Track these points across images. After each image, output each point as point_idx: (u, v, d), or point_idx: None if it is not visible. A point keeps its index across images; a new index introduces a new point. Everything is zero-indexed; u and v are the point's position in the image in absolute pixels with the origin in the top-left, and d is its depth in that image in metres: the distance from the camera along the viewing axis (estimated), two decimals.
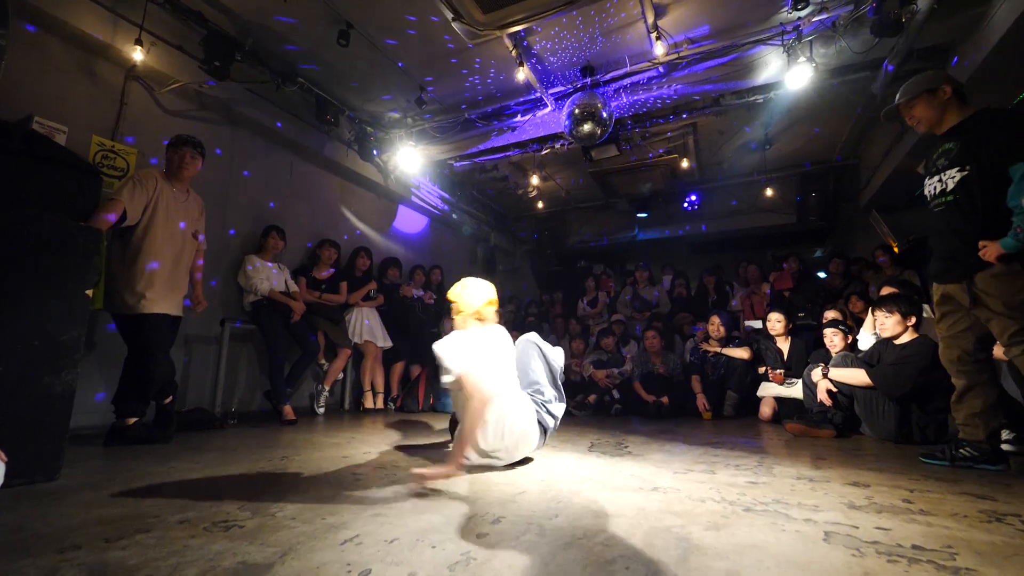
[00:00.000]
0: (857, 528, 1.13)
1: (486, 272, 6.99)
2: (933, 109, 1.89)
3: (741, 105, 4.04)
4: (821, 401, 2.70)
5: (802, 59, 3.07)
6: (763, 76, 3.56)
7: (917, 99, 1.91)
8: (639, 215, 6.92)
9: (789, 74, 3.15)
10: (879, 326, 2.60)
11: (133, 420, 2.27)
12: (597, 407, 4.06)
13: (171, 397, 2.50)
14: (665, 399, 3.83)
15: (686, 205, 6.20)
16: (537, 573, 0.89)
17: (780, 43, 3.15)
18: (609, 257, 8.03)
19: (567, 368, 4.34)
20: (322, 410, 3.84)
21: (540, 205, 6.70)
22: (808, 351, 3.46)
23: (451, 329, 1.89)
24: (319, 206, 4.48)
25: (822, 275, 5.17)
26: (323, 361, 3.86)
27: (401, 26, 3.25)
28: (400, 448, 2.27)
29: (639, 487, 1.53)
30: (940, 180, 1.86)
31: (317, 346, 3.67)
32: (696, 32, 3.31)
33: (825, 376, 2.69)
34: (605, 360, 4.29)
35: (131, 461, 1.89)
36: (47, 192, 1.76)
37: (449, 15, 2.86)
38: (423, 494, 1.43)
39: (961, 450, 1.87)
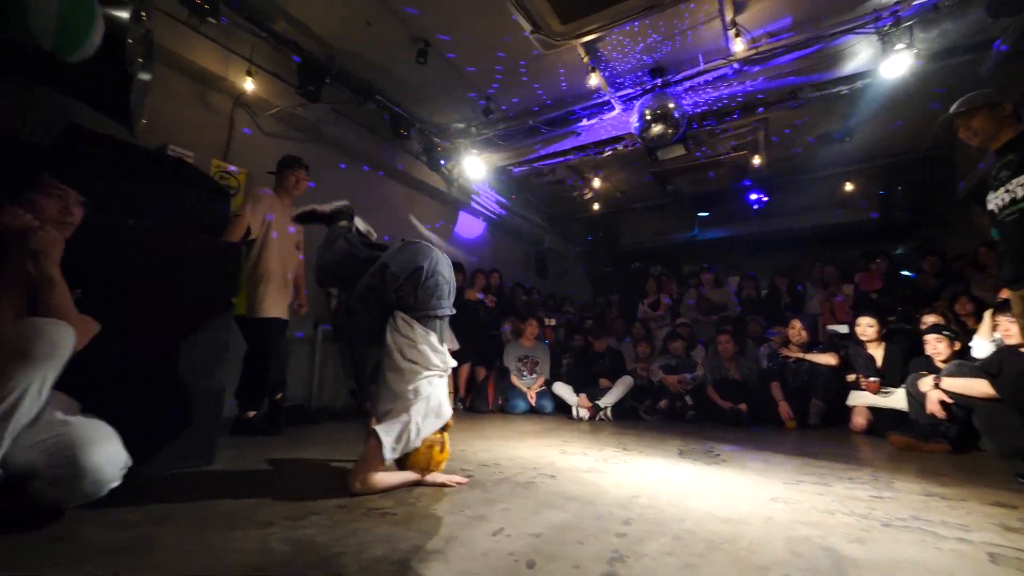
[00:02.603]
0: None
1: (539, 275, 7.04)
2: (992, 123, 1.95)
3: (820, 98, 3.82)
4: (932, 413, 2.50)
5: (900, 45, 2.87)
6: (850, 66, 3.36)
7: (979, 111, 1.96)
8: (700, 214, 6.70)
9: (885, 62, 2.96)
10: (1004, 332, 2.37)
11: (253, 413, 2.52)
12: (669, 412, 3.98)
13: (281, 394, 2.75)
14: (743, 406, 3.69)
15: (753, 202, 5.93)
16: (694, 574, 0.92)
17: (873, 30, 2.96)
18: (665, 258, 7.80)
19: (634, 371, 4.29)
20: None
21: (595, 207, 6.65)
22: (904, 358, 3.20)
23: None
24: (390, 215, 4.73)
25: (906, 273, 4.74)
26: None
27: (477, 41, 3.36)
28: (496, 446, 2.37)
29: (753, 496, 1.52)
30: (1007, 191, 1.89)
31: None
32: (776, 25, 3.18)
33: (937, 386, 2.49)
34: (674, 365, 4.19)
35: (259, 450, 2.09)
36: (196, 214, 2.01)
37: (528, 27, 2.94)
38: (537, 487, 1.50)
39: None
